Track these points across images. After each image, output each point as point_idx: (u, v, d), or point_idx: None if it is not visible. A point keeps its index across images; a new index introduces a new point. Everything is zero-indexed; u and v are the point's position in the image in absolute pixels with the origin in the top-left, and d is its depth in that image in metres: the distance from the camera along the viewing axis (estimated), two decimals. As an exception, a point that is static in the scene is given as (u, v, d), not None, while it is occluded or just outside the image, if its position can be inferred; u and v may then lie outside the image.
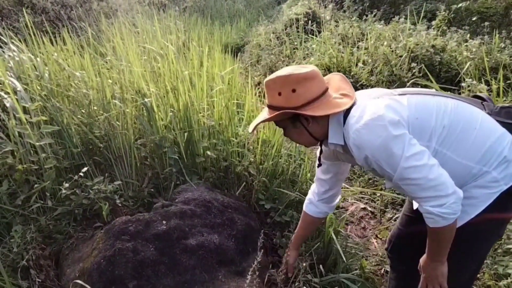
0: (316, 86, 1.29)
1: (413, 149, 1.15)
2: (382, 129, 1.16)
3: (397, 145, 1.15)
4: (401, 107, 1.23)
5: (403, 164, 1.16)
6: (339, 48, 5.17)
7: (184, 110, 2.35)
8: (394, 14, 7.02)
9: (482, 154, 1.20)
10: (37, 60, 2.59)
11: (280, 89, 1.29)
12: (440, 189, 1.14)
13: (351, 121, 1.24)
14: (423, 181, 1.15)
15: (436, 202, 1.16)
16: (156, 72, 2.77)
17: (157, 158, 2.30)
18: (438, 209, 1.16)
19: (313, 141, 1.42)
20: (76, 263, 1.77)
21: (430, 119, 1.22)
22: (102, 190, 1.94)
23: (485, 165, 1.20)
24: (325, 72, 4.83)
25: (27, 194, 1.89)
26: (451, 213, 1.15)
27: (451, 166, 1.21)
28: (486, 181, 1.21)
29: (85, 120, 2.33)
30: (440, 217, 1.16)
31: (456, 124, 1.21)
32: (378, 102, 1.24)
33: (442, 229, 1.20)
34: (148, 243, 1.73)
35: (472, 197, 1.24)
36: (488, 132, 1.21)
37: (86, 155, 2.24)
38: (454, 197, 1.14)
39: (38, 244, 1.80)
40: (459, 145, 1.21)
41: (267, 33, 6.87)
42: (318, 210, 1.70)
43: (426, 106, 1.25)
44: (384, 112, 1.18)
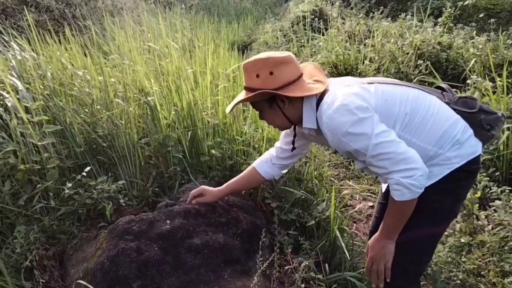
0: (292, 71, 1.39)
1: (381, 127, 1.27)
2: (351, 114, 1.27)
3: (366, 124, 1.27)
4: (369, 94, 1.34)
5: (374, 141, 1.26)
6: (345, 46, 5.14)
7: (188, 109, 2.34)
8: (401, 11, 6.98)
9: (438, 138, 1.33)
10: (40, 59, 2.60)
11: (258, 71, 1.37)
12: (410, 161, 1.24)
13: (324, 107, 1.34)
14: (393, 155, 1.25)
15: (406, 173, 1.25)
16: (160, 70, 2.76)
17: (161, 157, 2.29)
18: (407, 180, 1.24)
19: (288, 124, 1.51)
20: (80, 263, 1.76)
21: (395, 107, 1.34)
22: (105, 189, 1.93)
23: (440, 147, 1.33)
24: (332, 69, 4.81)
25: (30, 194, 1.89)
26: (418, 186, 1.25)
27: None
28: (440, 160, 1.34)
29: (88, 119, 2.33)
30: (407, 189, 1.26)
31: (416, 112, 1.34)
32: (348, 90, 1.34)
33: (405, 203, 1.30)
34: (152, 242, 1.72)
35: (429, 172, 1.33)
36: (444, 118, 1.34)
37: (89, 155, 2.24)
38: (422, 170, 1.25)
39: (42, 244, 1.79)
40: (419, 130, 1.34)
41: (274, 30, 6.86)
42: (269, 171, 1.80)
43: (391, 94, 1.37)
44: (353, 98, 1.29)
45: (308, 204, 2.23)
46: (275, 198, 2.27)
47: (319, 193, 2.30)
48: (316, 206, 2.17)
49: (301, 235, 2.04)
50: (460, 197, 1.47)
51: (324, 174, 2.51)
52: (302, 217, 2.13)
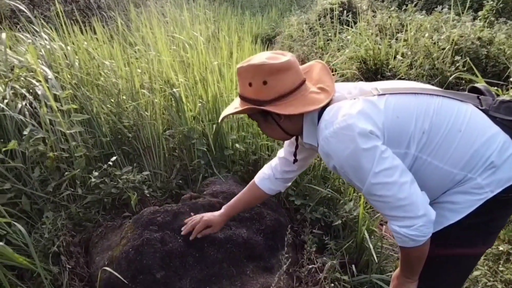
0: (290, 79, 1.23)
1: (384, 164, 1.11)
2: (350, 140, 1.12)
3: (366, 158, 1.11)
4: (376, 112, 1.16)
5: (372, 180, 1.12)
6: (376, 40, 5.08)
7: (213, 101, 2.40)
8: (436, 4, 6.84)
9: (466, 160, 1.13)
10: (68, 49, 2.71)
11: (251, 79, 1.23)
12: (409, 209, 1.11)
13: (322, 125, 1.20)
14: (391, 200, 1.12)
15: (403, 222, 1.13)
16: (185, 62, 2.84)
17: (185, 149, 2.36)
18: (406, 230, 1.13)
19: (287, 137, 1.40)
20: (105, 251, 1.85)
21: (409, 124, 1.16)
22: (130, 180, 2.02)
23: (470, 171, 1.14)
24: (361, 64, 4.78)
25: (58, 182, 1.99)
26: (420, 235, 1.13)
27: (431, 172, 1.18)
28: (470, 187, 1.15)
29: (114, 110, 2.42)
30: (408, 238, 1.14)
31: (438, 128, 1.15)
32: (352, 106, 1.17)
33: (412, 249, 1.18)
34: (176, 234, 1.79)
35: (454, 202, 1.19)
36: (475, 134, 1.13)
37: (114, 145, 2.33)
38: (424, 219, 1.11)
39: (69, 231, 1.89)
40: (441, 150, 1.15)
41: (299, 23, 6.84)
42: (272, 187, 1.69)
43: (405, 109, 1.18)
44: (354, 120, 1.12)
45: (334, 203, 2.25)
46: (299, 195, 2.30)
47: (346, 192, 2.32)
48: (343, 205, 2.18)
49: (326, 235, 2.07)
50: (494, 230, 1.27)
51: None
52: (327, 216, 2.16)
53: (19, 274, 1.71)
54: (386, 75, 4.63)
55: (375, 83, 1.30)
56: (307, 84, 1.29)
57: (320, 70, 1.35)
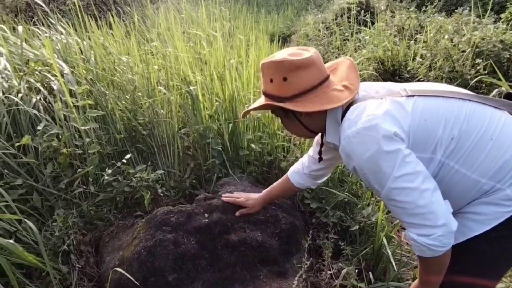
0: (311, 75, 1.21)
1: (406, 169, 1.07)
2: (373, 142, 1.08)
3: (387, 162, 1.07)
4: (403, 114, 1.12)
5: (391, 184, 1.09)
6: (394, 41, 4.98)
7: (230, 100, 2.34)
8: (456, 5, 6.69)
9: (496, 170, 1.08)
10: (84, 44, 2.68)
11: (272, 76, 1.23)
12: (429, 218, 1.06)
13: (345, 124, 1.17)
14: (410, 206, 1.08)
15: (421, 231, 1.09)
16: (202, 59, 2.78)
17: (200, 148, 2.31)
18: (423, 239, 1.08)
19: (309, 134, 1.37)
20: (116, 251, 1.81)
21: (437, 129, 1.11)
22: (144, 178, 1.97)
23: (498, 181, 1.08)
24: (378, 65, 4.68)
25: (70, 178, 1.96)
26: (439, 245, 1.07)
27: (458, 181, 1.13)
28: (498, 198, 1.09)
29: (129, 106, 2.38)
30: (426, 248, 1.09)
31: (468, 135, 1.09)
32: (379, 106, 1.13)
33: (430, 259, 1.13)
34: (190, 235, 1.74)
35: (480, 213, 1.13)
36: (507, 143, 1.08)
37: (129, 142, 2.29)
38: (443, 229, 1.06)
39: (79, 229, 1.85)
40: (470, 158, 1.09)
41: (316, 22, 6.76)
42: (301, 182, 1.71)
43: (434, 112, 1.13)
44: (379, 121, 1.09)
45: (351, 207, 2.18)
46: (315, 199, 2.24)
47: (364, 196, 2.24)
48: (360, 210, 2.11)
49: (342, 240, 2.00)
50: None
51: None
52: (344, 220, 2.09)
53: (27, 272, 1.68)
54: (404, 77, 4.53)
55: (404, 84, 1.25)
56: (331, 81, 1.26)
57: (347, 68, 1.31)
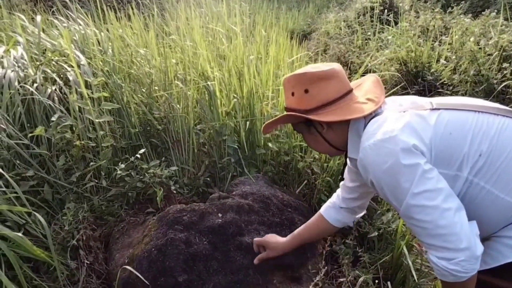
0: (333, 87, 1.19)
1: (426, 185, 1.00)
2: (390, 154, 1.03)
3: (405, 176, 1.01)
4: (424, 126, 1.06)
5: (410, 201, 1.02)
6: (418, 42, 4.85)
7: (248, 97, 2.28)
8: (483, 7, 6.49)
9: None
10: (102, 35, 2.65)
11: (293, 89, 1.22)
12: (450, 240, 0.99)
13: (364, 137, 1.12)
14: (430, 226, 1.01)
15: (442, 254, 1.01)
16: (221, 55, 2.72)
17: (215, 146, 2.25)
18: (444, 263, 1.01)
19: (332, 150, 1.31)
20: (126, 248, 1.76)
21: (463, 144, 1.03)
22: (157, 174, 1.92)
23: None
24: (401, 66, 4.56)
25: (82, 172, 1.92)
26: (461, 271, 0.99)
27: (490, 203, 1.04)
28: None
29: (145, 100, 2.34)
30: (447, 272, 1.01)
31: (499, 152, 1.01)
32: (399, 119, 1.08)
33: (453, 284, 1.05)
34: (202, 235, 1.68)
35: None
36: None
37: (143, 137, 2.25)
38: (466, 254, 0.97)
39: (89, 224, 1.82)
40: (503, 178, 1.01)
41: (337, 20, 6.66)
42: (338, 218, 1.56)
43: (460, 125, 1.05)
44: (398, 133, 1.03)
45: (370, 213, 2.09)
46: (333, 202, 2.15)
47: (384, 202, 2.15)
48: (380, 216, 2.02)
49: (360, 246, 1.92)
50: None
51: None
52: (362, 226, 2.00)
53: (35, 266, 1.64)
54: (427, 79, 4.40)
55: (431, 98, 1.18)
56: (354, 95, 1.24)
57: (372, 83, 1.29)
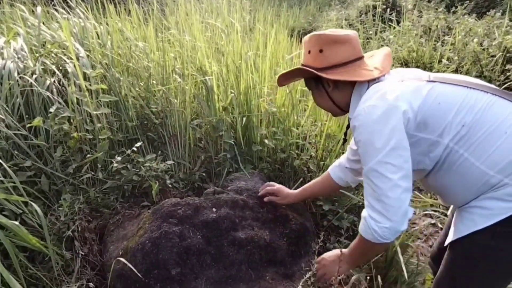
0: (345, 52, 1.31)
1: (394, 160, 1.15)
2: (379, 111, 1.16)
3: (382, 138, 1.15)
4: (417, 95, 1.18)
5: (374, 166, 1.17)
6: (420, 41, 4.86)
7: (245, 93, 2.29)
8: (488, 8, 6.49)
9: (505, 164, 1.09)
10: (101, 28, 2.67)
11: (310, 48, 1.35)
12: (388, 209, 1.16)
13: (362, 99, 1.25)
14: (379, 192, 1.17)
15: (375, 215, 1.20)
16: (220, 50, 2.74)
17: (212, 141, 2.27)
18: (372, 222, 1.21)
19: (335, 109, 1.43)
20: (120, 240, 1.79)
21: (448, 113, 1.15)
22: (153, 168, 1.94)
23: (506, 176, 1.09)
24: (402, 66, 4.56)
25: (79, 164, 1.94)
26: (380, 235, 1.19)
27: (466, 170, 1.15)
28: (504, 194, 1.10)
29: (143, 94, 2.36)
30: (370, 230, 1.22)
31: (481, 125, 1.11)
32: (396, 87, 1.21)
33: (366, 241, 1.27)
34: (196, 229, 1.70)
35: (485, 208, 1.14)
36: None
37: (140, 130, 2.27)
38: (392, 225, 1.16)
39: (85, 216, 1.84)
40: (480, 148, 1.12)
41: (338, 19, 6.67)
42: (341, 176, 1.71)
43: (450, 98, 1.17)
44: (391, 99, 1.17)
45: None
46: (328, 200, 2.18)
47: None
48: (374, 215, 2.04)
49: (354, 245, 1.94)
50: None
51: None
52: (357, 225, 2.02)
53: (31, 256, 1.67)
54: (428, 80, 4.40)
55: (433, 73, 1.30)
56: (364, 62, 1.35)
57: (383, 55, 1.40)
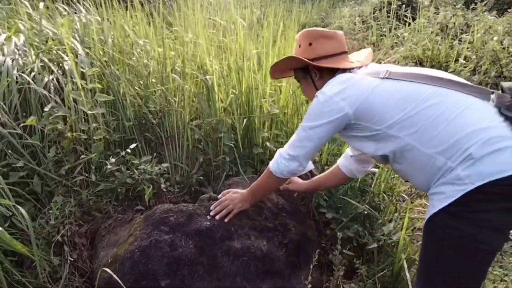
0: (331, 46, 1.49)
1: (316, 131, 1.41)
2: (319, 102, 1.39)
3: (314, 116, 1.41)
4: (362, 90, 1.33)
5: (300, 126, 1.47)
6: (436, 39, 4.68)
7: (247, 93, 2.20)
8: (510, 4, 6.23)
9: (446, 147, 1.19)
10: (103, 24, 2.59)
11: (301, 42, 1.53)
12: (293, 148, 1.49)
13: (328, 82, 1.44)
14: (293, 141, 1.50)
15: (286, 152, 1.50)
16: (222, 47, 2.64)
17: (211, 143, 2.19)
18: (280, 157, 1.53)
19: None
20: (111, 247, 1.72)
21: (388, 105, 1.29)
22: (148, 171, 1.87)
23: (448, 158, 1.19)
24: (416, 65, 4.39)
25: (72, 164, 1.88)
26: (280, 167, 1.52)
27: (416, 156, 1.27)
28: (452, 178, 1.19)
29: (142, 93, 2.28)
30: (275, 161, 1.54)
31: (423, 114, 1.24)
32: (349, 79, 1.37)
33: (269, 172, 1.57)
34: (188, 238, 1.62)
35: (441, 193, 1.22)
36: (462, 126, 1.19)
37: (137, 130, 2.20)
38: (290, 164, 1.49)
39: (76, 219, 1.78)
40: (424, 135, 1.24)
41: (352, 15, 6.49)
42: (346, 165, 1.79)
43: (394, 93, 1.30)
44: (335, 91, 1.36)
45: (371, 221, 2.00)
46: (331, 208, 2.07)
47: (386, 211, 2.05)
48: (380, 226, 1.93)
49: (358, 257, 1.83)
50: (485, 224, 1.17)
51: (396, 189, 2.23)
52: (361, 236, 1.91)
53: (19, 260, 1.61)
54: (443, 80, 4.23)
55: (394, 67, 1.41)
56: (347, 56, 1.53)
57: (367, 53, 1.58)
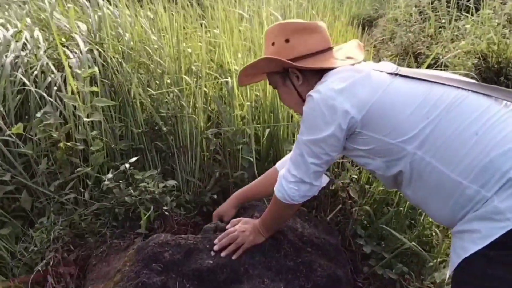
0: (314, 41, 1.21)
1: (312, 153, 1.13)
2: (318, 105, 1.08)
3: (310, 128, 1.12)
4: (368, 90, 1.05)
5: (299, 138, 1.16)
6: (503, 32, 4.07)
7: (272, 98, 1.84)
8: None
9: (478, 171, 0.91)
10: (121, 18, 2.35)
11: (274, 38, 1.23)
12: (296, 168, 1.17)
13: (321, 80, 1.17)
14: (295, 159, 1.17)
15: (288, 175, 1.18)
16: (247, 44, 2.28)
17: (230, 155, 1.86)
18: (284, 180, 1.20)
19: (302, 105, 1.23)
20: (101, 280, 1.44)
21: (404, 112, 1.01)
22: (149, 190, 1.57)
23: (482, 186, 0.91)
24: (480, 61, 3.83)
25: (66, 179, 1.63)
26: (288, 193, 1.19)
27: (437, 180, 0.98)
28: (488, 212, 0.90)
29: (154, 95, 1.99)
30: (280, 185, 1.21)
31: (446, 125, 0.97)
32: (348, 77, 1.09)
33: (276, 199, 1.25)
34: (185, 281, 1.30)
35: (474, 231, 0.93)
36: (496, 141, 0.91)
37: (147, 138, 1.91)
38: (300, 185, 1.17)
39: (66, 244, 1.52)
40: (448, 153, 0.96)
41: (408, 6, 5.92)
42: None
43: (408, 94, 1.04)
44: (336, 92, 1.06)
45: (419, 261, 1.58)
46: (372, 239, 1.68)
47: (439, 250, 1.61)
48: (431, 269, 1.51)
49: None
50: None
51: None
52: (406, 279, 1.51)
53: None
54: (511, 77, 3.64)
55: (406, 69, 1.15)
56: (334, 53, 1.24)
57: (354, 47, 1.28)
